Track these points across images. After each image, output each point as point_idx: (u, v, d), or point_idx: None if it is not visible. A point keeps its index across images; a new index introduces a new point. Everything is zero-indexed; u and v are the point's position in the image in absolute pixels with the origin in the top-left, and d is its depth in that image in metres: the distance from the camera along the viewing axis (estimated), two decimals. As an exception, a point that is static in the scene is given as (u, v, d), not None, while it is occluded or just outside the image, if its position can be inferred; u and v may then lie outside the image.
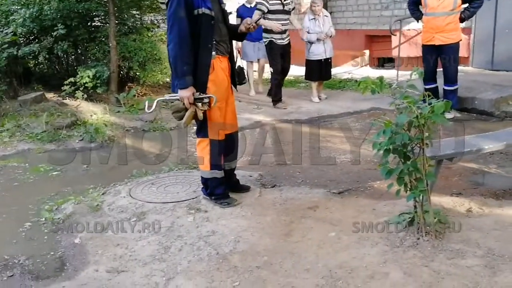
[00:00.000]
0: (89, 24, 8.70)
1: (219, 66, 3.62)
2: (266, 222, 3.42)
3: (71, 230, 3.52)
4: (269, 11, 7.22)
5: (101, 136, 6.09)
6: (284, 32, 7.31)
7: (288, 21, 7.40)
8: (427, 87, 6.32)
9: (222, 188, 3.77)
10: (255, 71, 8.74)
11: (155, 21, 9.79)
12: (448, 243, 2.79)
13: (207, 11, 3.43)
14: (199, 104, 3.45)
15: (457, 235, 2.88)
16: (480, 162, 4.54)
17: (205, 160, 3.68)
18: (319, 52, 7.53)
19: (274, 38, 7.30)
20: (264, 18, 7.11)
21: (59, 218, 3.75)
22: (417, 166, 2.72)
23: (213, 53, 3.53)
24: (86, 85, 7.52)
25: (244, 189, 4.02)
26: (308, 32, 7.48)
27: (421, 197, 2.81)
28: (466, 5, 6.18)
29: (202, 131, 3.67)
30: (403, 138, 2.60)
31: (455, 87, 6.35)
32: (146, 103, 3.89)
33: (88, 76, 7.54)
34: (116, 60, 7.82)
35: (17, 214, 3.95)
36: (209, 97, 3.46)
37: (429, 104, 2.64)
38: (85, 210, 3.84)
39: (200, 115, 3.49)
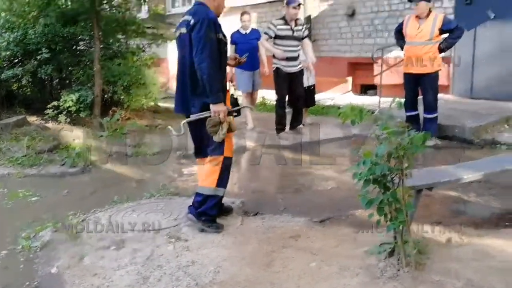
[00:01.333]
0: (74, 48, 8.72)
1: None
2: (247, 251, 3.40)
3: (49, 259, 3.46)
4: (277, 37, 6.95)
5: (83, 161, 6.03)
6: (294, 59, 7.02)
7: (298, 48, 7.08)
8: (408, 114, 6.42)
9: (216, 210, 3.83)
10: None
11: (141, 46, 9.83)
12: (428, 275, 2.80)
13: (223, 37, 3.75)
14: (231, 118, 3.71)
15: (437, 266, 2.89)
16: (460, 190, 4.58)
17: (212, 177, 3.74)
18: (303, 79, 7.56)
19: (282, 65, 7.00)
20: (274, 43, 7.01)
21: (36, 246, 3.68)
22: (396, 197, 2.74)
23: None
24: (69, 109, 7.50)
25: (228, 210, 4.07)
26: None
27: (401, 228, 2.82)
28: (447, 35, 6.34)
29: (217, 149, 3.74)
30: (382, 169, 2.63)
31: (435, 115, 6.46)
32: (170, 127, 4.01)
33: (72, 100, 7.53)
34: (100, 84, 7.81)
35: (-7, 242, 3.88)
36: (239, 109, 3.92)
37: (409, 135, 2.67)
38: (64, 237, 3.77)
39: (234, 126, 3.77)
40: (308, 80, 7.56)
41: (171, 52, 12.33)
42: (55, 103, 7.45)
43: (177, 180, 5.44)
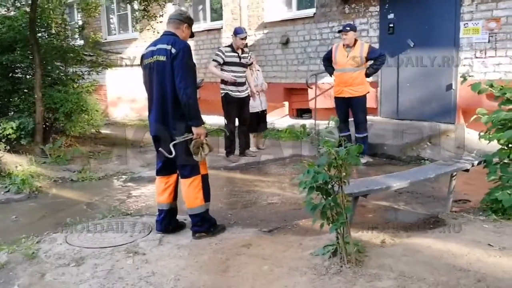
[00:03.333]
0: (11, 75, 8.64)
1: None
2: (203, 260, 3.66)
3: (8, 279, 3.53)
4: (225, 63, 7.24)
5: (28, 187, 6.03)
6: (240, 84, 7.32)
7: (244, 75, 7.41)
8: (341, 135, 6.97)
9: (211, 216, 4.25)
10: None
11: (80, 73, 9.86)
12: (366, 269, 3.19)
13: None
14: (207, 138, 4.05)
15: (373, 262, 3.29)
16: (391, 200, 5.12)
17: (199, 196, 4.08)
18: (255, 105, 7.84)
19: (231, 91, 7.28)
20: (221, 69, 7.29)
21: (-7, 268, 3.74)
22: (337, 202, 3.12)
23: None
24: (9, 136, 7.42)
25: (182, 226, 4.35)
26: None
27: (342, 229, 3.20)
28: (371, 62, 7.02)
29: (194, 169, 4.05)
30: (324, 177, 3.01)
31: (365, 134, 7.08)
32: (162, 150, 4.06)
33: (12, 128, 7.47)
34: (42, 111, 7.80)
35: None
36: (217, 130, 4.60)
37: (345, 147, 3.09)
38: (21, 258, 3.84)
39: (212, 147, 4.12)
40: (261, 105, 7.96)
41: (109, 79, 12.44)
42: (-6, 130, 7.36)
43: (127, 201, 5.60)
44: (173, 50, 3.85)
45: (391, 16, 8.75)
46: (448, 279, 3.02)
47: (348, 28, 7.02)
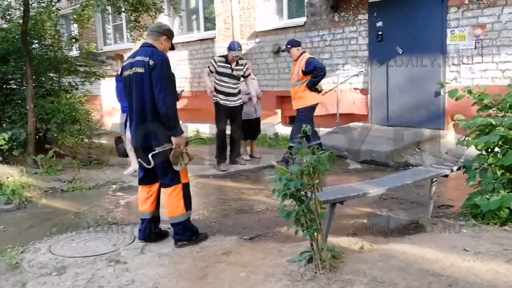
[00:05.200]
0: (4, 87, 8.72)
1: None
2: (183, 268, 3.71)
3: (-10, 289, 3.59)
4: (217, 72, 7.38)
5: (18, 197, 6.08)
6: (232, 95, 7.42)
7: (237, 86, 7.50)
8: (309, 144, 7.07)
9: (193, 224, 4.30)
10: None
11: (73, 83, 9.95)
12: (340, 275, 3.23)
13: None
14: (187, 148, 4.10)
15: (348, 267, 3.34)
16: (374, 206, 5.18)
17: (179, 206, 4.13)
18: (250, 112, 7.95)
19: (220, 99, 7.40)
20: (215, 78, 7.41)
21: (-24, 278, 3.79)
22: (310, 208, 3.18)
23: None
24: (1, 147, 7.49)
25: (165, 234, 4.41)
26: None
27: (316, 236, 3.25)
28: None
29: (174, 178, 4.10)
30: (296, 184, 3.07)
31: (292, 144, 6.88)
32: (141, 160, 4.15)
33: (4, 139, 7.53)
34: (34, 122, 7.87)
35: None
36: (197, 139, 4.64)
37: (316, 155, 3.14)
38: (4, 268, 3.90)
39: (192, 156, 4.16)
40: (255, 113, 8.05)
41: (104, 89, 12.54)
42: (-15, 142, 7.43)
43: (114, 211, 5.65)
44: (151, 62, 3.93)
45: (379, 24, 8.84)
46: (420, 284, 3.06)
47: (289, 46, 7.27)
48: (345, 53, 9.43)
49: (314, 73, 6.99)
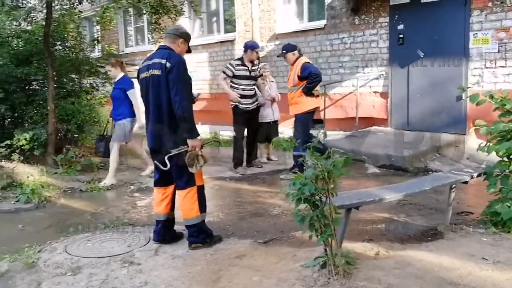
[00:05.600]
0: (27, 87, 8.88)
1: None
2: (196, 271, 3.70)
3: (6, 287, 3.63)
4: (235, 76, 7.39)
5: (38, 197, 6.16)
6: (250, 97, 7.47)
7: (254, 87, 7.54)
8: (295, 153, 6.95)
9: (208, 227, 4.29)
10: None
11: (94, 85, 10.08)
12: (354, 281, 3.18)
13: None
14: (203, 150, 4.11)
15: (363, 274, 3.28)
16: (392, 212, 5.10)
17: (194, 207, 4.13)
18: (267, 114, 7.94)
19: (240, 103, 7.38)
20: (231, 82, 7.43)
21: (-7, 276, 3.84)
22: (324, 214, 3.13)
23: None
24: (23, 147, 7.61)
25: (179, 236, 4.41)
26: None
27: (330, 241, 3.21)
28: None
29: (190, 181, 4.11)
30: (310, 188, 3.03)
31: (298, 153, 6.71)
32: (157, 162, 4.16)
33: (25, 139, 7.66)
34: (54, 123, 7.98)
35: (-51, 274, 3.99)
36: (212, 141, 4.47)
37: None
38: (20, 267, 3.94)
39: (207, 158, 4.16)
40: (273, 115, 8.03)
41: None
42: (8, 142, 7.55)
43: (131, 211, 5.68)
44: (168, 64, 3.94)
45: (400, 26, 8.73)
46: (436, 293, 3.00)
47: (284, 52, 7.13)
48: (365, 56, 9.33)
49: (310, 79, 6.85)
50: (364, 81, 9.34)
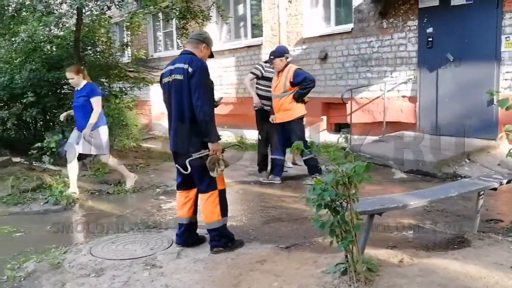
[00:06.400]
0: (58, 91, 9.08)
1: None
2: (217, 275, 3.70)
3: (32, 287, 3.71)
4: (263, 77, 7.40)
5: (66, 199, 6.29)
6: None
7: None
8: (272, 157, 7.12)
9: (229, 231, 4.31)
10: None
11: (123, 89, 10.24)
12: (375, 289, 3.13)
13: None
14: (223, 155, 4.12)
15: (384, 281, 3.22)
16: (417, 218, 5.00)
17: (216, 211, 4.15)
18: None
19: (264, 105, 7.40)
20: (257, 83, 7.46)
21: (20, 276, 3.93)
22: (345, 219, 3.09)
23: None
24: (53, 149, 7.78)
25: (201, 240, 4.43)
26: None
27: (351, 247, 3.16)
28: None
29: (211, 185, 4.13)
30: (330, 194, 2.99)
31: (307, 157, 6.80)
32: (178, 166, 4.21)
33: (56, 141, 7.81)
34: (84, 125, 8.12)
35: (-21, 273, 4.11)
36: (233, 146, 4.50)
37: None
38: (46, 267, 4.03)
39: (228, 163, 4.16)
40: None
41: (154, 95, 12.84)
42: (39, 144, 7.73)
43: (155, 214, 5.73)
44: (190, 69, 3.97)
45: (430, 30, 8.58)
46: (460, 302, 2.92)
47: (272, 57, 6.99)
48: (393, 60, 9.21)
49: (304, 85, 6.75)
50: (392, 85, 9.21)
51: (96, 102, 6.58)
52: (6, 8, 7.82)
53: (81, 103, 6.63)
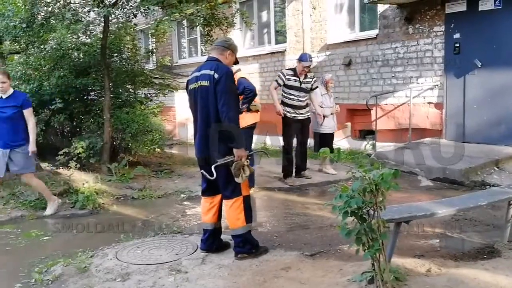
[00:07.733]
0: (85, 98, 9.24)
1: None
2: (241, 281, 3.69)
3: (59, 290, 3.76)
4: (285, 85, 7.41)
5: (92, 204, 6.37)
6: (300, 107, 7.38)
7: (305, 99, 7.43)
8: None
9: (254, 238, 4.31)
10: None
11: (148, 95, 10.35)
12: (403, 298, 3.08)
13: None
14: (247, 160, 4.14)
15: (412, 291, 3.17)
16: (445, 227, 4.91)
17: (240, 217, 4.16)
18: (331, 125, 7.94)
19: (288, 112, 7.36)
20: (282, 91, 7.47)
21: (48, 279, 3.99)
22: (372, 227, 3.05)
23: None
24: (79, 155, 7.90)
25: (226, 246, 4.43)
26: (321, 107, 7.76)
27: (378, 256, 3.11)
28: None
29: (236, 191, 4.15)
30: (357, 201, 2.96)
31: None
32: (204, 172, 4.20)
33: (82, 147, 7.93)
34: (110, 131, 8.25)
35: (8, 276, 4.19)
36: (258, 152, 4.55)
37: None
38: (73, 271, 4.08)
39: (252, 169, 4.20)
40: (335, 126, 8.13)
41: (178, 101, 12.94)
42: (66, 149, 7.87)
43: (180, 220, 5.77)
44: (216, 76, 3.99)
45: (456, 35, 8.44)
46: (490, 314, 2.85)
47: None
48: (419, 66, 9.09)
49: (244, 95, 6.58)
50: (417, 91, 9.09)
51: (31, 113, 6.02)
52: (35, 16, 7.98)
53: (10, 114, 5.79)
